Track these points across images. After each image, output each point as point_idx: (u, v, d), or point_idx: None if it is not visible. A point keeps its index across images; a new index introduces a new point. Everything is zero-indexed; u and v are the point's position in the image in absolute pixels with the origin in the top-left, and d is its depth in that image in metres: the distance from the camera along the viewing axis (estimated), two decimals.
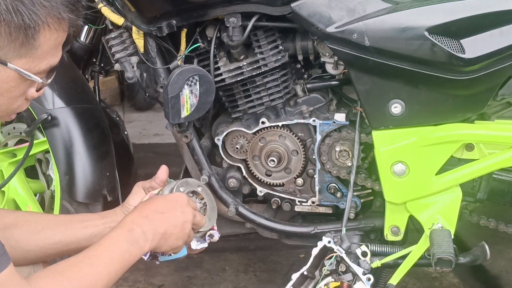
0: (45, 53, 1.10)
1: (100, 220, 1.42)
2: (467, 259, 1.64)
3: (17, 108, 1.15)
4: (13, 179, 2.00)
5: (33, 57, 1.08)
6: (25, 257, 1.37)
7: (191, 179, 1.47)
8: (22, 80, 1.10)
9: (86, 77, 2.26)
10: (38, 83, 1.13)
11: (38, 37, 1.07)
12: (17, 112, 1.17)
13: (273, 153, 1.86)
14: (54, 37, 1.10)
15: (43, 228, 1.38)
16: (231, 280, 2.45)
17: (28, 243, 1.36)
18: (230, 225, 2.03)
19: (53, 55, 1.12)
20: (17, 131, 2.18)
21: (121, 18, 1.75)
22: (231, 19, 1.69)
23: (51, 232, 1.38)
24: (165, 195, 1.39)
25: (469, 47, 1.56)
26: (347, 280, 1.62)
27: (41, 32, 1.06)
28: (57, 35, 1.10)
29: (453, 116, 1.65)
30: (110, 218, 1.43)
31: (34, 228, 1.38)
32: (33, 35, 1.05)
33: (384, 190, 1.70)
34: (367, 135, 1.73)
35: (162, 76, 1.79)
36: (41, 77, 1.13)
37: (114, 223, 1.40)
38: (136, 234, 1.24)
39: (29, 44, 1.06)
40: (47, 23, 1.06)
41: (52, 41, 1.09)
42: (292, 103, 1.86)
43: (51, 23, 1.07)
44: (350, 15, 1.60)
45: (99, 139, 1.99)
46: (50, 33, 1.08)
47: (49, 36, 1.08)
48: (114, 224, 1.39)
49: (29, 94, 1.15)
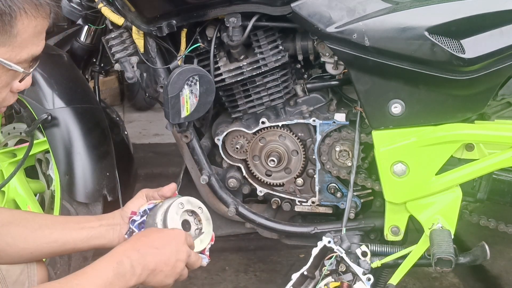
0: (25, 42, 1.07)
1: (96, 222, 1.41)
2: (467, 259, 1.64)
3: (3, 101, 1.13)
4: (13, 179, 2.00)
5: (12, 46, 1.05)
6: (20, 255, 1.36)
7: (194, 199, 1.42)
8: (3, 71, 1.07)
9: (86, 77, 2.27)
10: (21, 73, 1.10)
11: (16, 24, 1.04)
12: (4, 105, 1.15)
13: (273, 153, 1.86)
14: (33, 24, 1.07)
15: (40, 227, 1.37)
16: (231, 280, 2.45)
17: (25, 241, 1.35)
18: (230, 225, 2.04)
19: (34, 43, 1.09)
20: (17, 131, 2.18)
21: (121, 18, 1.75)
22: (231, 19, 1.69)
23: (48, 231, 1.37)
24: (164, 230, 1.34)
25: (469, 47, 1.56)
26: (347, 280, 1.62)
27: (18, 18, 1.04)
28: (36, 22, 1.07)
29: (453, 116, 1.65)
30: (106, 220, 1.41)
31: (31, 226, 1.36)
32: (10, 22, 1.03)
33: (384, 190, 1.70)
34: (367, 135, 1.74)
35: (162, 76, 1.79)
36: (23, 67, 1.09)
37: (111, 226, 1.40)
38: (125, 267, 1.20)
39: (6, 31, 1.03)
40: (23, 9, 1.03)
41: (31, 28, 1.06)
42: (292, 103, 1.86)
43: (28, 9, 1.04)
44: (350, 15, 1.60)
45: (99, 139, 1.99)
46: (28, 20, 1.05)
47: (27, 23, 1.05)
48: (110, 227, 1.39)
49: (14, 86, 1.13)
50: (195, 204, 1.41)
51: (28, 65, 1.12)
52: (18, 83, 1.13)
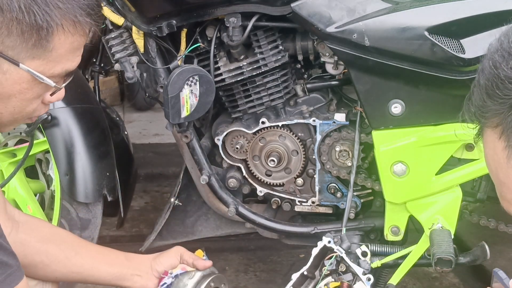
0: (60, 57, 1.07)
1: (125, 262, 1.44)
2: (467, 259, 1.64)
3: (33, 111, 1.13)
4: (13, 179, 1.99)
5: (47, 60, 1.05)
6: (46, 276, 1.37)
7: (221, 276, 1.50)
8: (35, 83, 1.07)
9: (86, 77, 2.26)
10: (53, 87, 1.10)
11: (52, 39, 1.03)
12: (34, 115, 1.15)
13: (273, 153, 1.86)
14: (70, 41, 1.06)
15: (76, 255, 1.39)
16: (231, 280, 2.44)
17: (58, 264, 1.36)
18: (230, 225, 2.04)
19: (69, 59, 1.09)
20: (17, 131, 2.17)
21: (121, 18, 1.75)
22: (231, 19, 1.69)
23: (81, 262, 1.39)
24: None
25: (469, 47, 1.56)
26: (347, 280, 1.61)
27: (55, 34, 1.03)
28: (73, 39, 1.06)
29: (453, 116, 1.65)
30: (136, 264, 1.44)
31: (68, 252, 1.38)
32: (46, 37, 1.02)
33: (384, 190, 1.70)
34: (367, 135, 1.74)
35: (162, 76, 1.79)
36: (55, 81, 1.09)
37: (138, 271, 1.43)
38: None
39: (42, 45, 1.03)
40: (61, 25, 1.03)
41: (67, 44, 1.06)
42: (292, 103, 1.86)
43: (66, 25, 1.04)
44: (350, 15, 1.60)
45: (99, 139, 1.99)
46: (65, 36, 1.05)
47: (64, 39, 1.05)
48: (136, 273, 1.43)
49: (46, 98, 1.12)
50: (222, 280, 1.49)
51: (61, 79, 1.12)
52: (50, 96, 1.13)
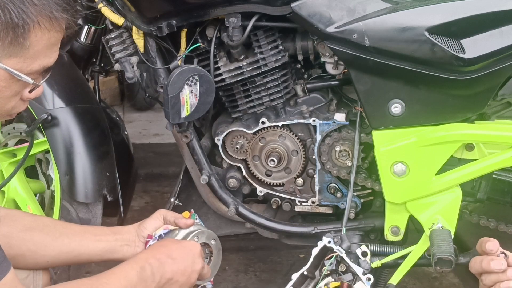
0: (38, 53, 1.06)
1: (112, 235, 1.45)
2: (467, 259, 1.63)
3: (12, 108, 1.13)
4: (13, 179, 2.00)
5: (24, 57, 1.05)
6: (36, 262, 1.37)
7: (209, 231, 1.50)
8: (13, 81, 1.07)
9: (86, 77, 2.26)
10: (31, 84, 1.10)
11: (29, 36, 1.03)
12: (13, 112, 1.15)
13: (273, 153, 1.86)
14: (46, 37, 1.06)
15: (61, 235, 1.39)
16: (231, 280, 2.44)
17: (46, 248, 1.37)
18: (230, 225, 2.04)
19: (46, 55, 1.09)
20: (17, 131, 2.18)
21: (121, 18, 1.75)
22: (231, 19, 1.69)
23: (67, 241, 1.40)
24: (181, 241, 1.42)
25: (469, 47, 1.56)
26: (347, 280, 1.61)
27: (32, 31, 1.03)
28: (49, 35, 1.06)
29: (453, 116, 1.65)
30: (122, 235, 1.45)
31: (53, 234, 1.39)
32: (23, 34, 1.02)
33: (384, 190, 1.70)
34: (367, 135, 1.73)
35: (162, 76, 1.79)
36: (34, 78, 1.09)
37: (126, 241, 1.44)
38: (147, 273, 1.27)
39: (19, 43, 1.03)
40: (37, 22, 1.03)
41: (44, 41, 1.06)
42: (292, 103, 1.86)
43: (42, 22, 1.04)
44: (350, 15, 1.60)
45: (99, 139, 1.99)
46: (42, 32, 1.04)
47: (40, 36, 1.05)
48: (125, 243, 1.44)
49: (24, 95, 1.12)
50: (210, 236, 1.50)
51: (39, 76, 1.12)
52: (28, 92, 1.13)
